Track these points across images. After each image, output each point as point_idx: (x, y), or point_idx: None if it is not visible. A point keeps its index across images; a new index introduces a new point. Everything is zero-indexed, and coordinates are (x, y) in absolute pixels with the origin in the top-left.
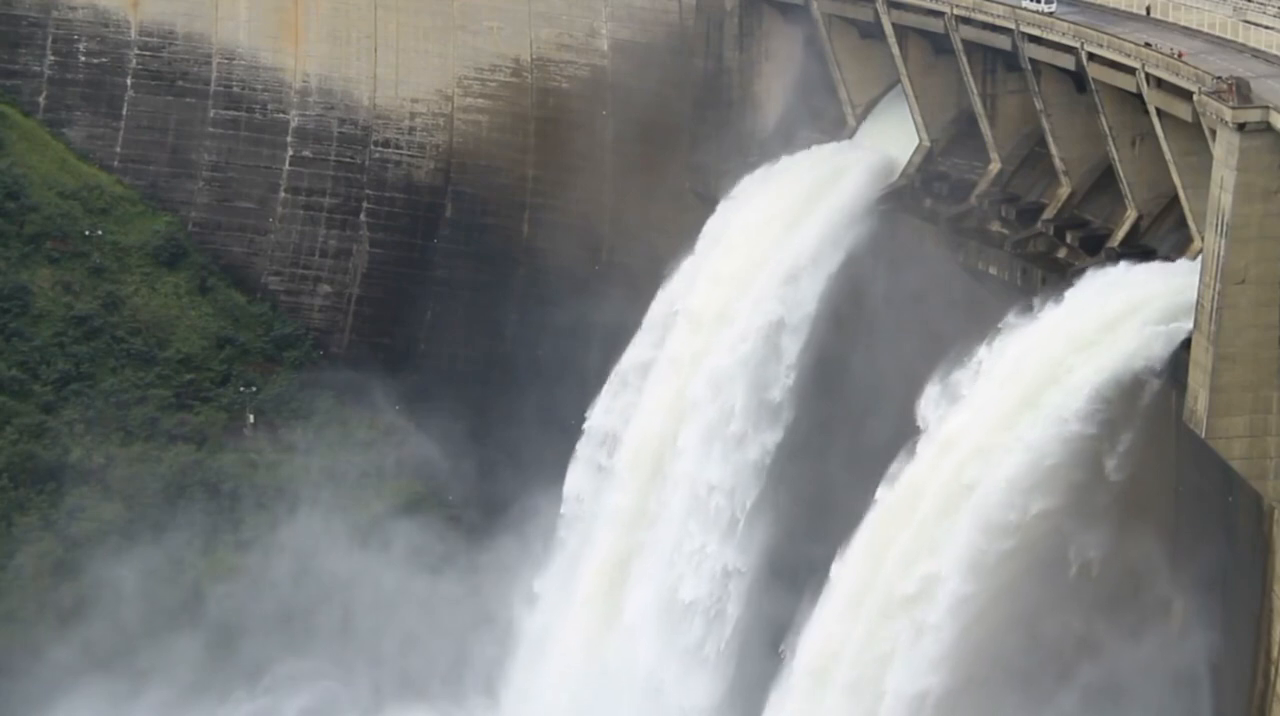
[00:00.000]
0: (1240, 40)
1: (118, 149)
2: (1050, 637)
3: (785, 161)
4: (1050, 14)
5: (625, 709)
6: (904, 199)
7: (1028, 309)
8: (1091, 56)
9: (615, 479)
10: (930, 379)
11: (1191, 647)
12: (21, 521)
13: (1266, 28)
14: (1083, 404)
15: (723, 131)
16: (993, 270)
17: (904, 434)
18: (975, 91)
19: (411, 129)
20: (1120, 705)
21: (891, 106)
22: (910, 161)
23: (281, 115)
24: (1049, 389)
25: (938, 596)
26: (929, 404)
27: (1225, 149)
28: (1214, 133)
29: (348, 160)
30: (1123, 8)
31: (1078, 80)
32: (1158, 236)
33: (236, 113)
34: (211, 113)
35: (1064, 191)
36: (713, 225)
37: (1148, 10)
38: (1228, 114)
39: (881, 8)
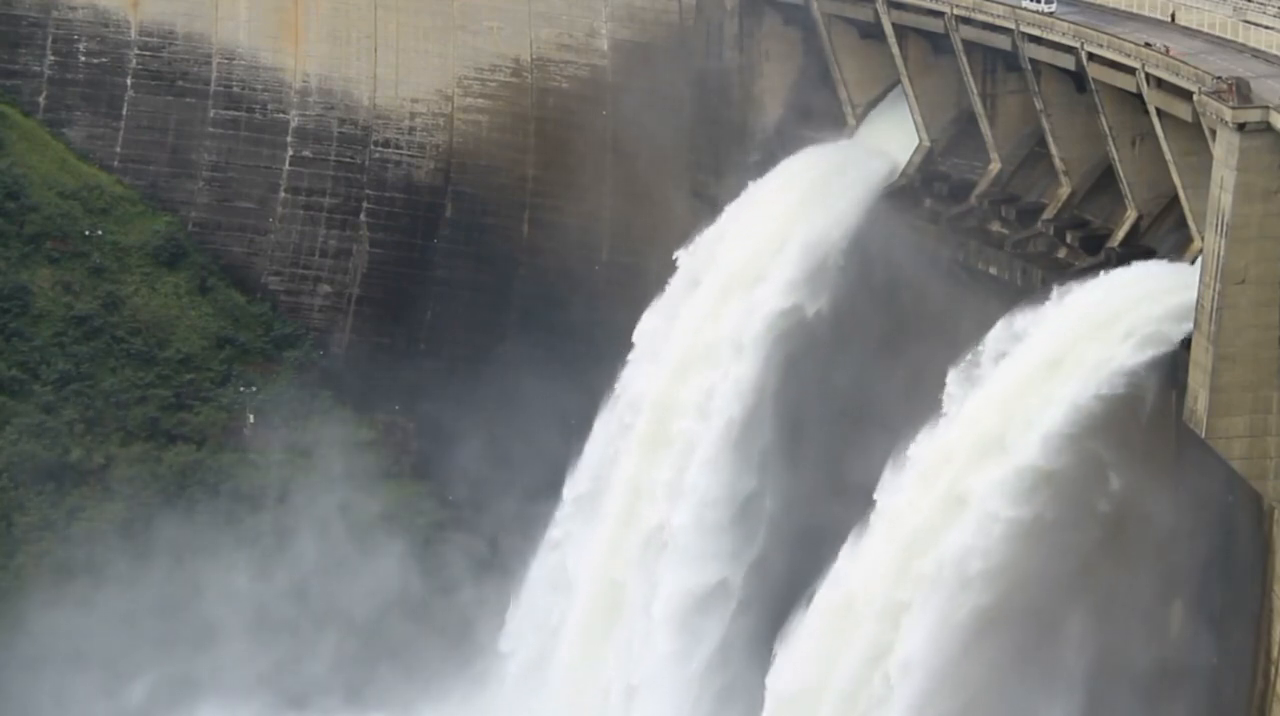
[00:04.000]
0: (1240, 40)
1: (118, 149)
2: (1054, 639)
3: (785, 162)
4: (1050, 14)
5: None
6: (904, 199)
7: (1025, 309)
8: (1091, 56)
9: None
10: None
11: (1191, 647)
12: (21, 521)
13: (1266, 28)
14: (1076, 410)
15: (723, 132)
16: (993, 270)
17: (904, 431)
18: (975, 91)
19: (411, 129)
20: (1118, 704)
21: (891, 106)
22: (910, 161)
23: (281, 115)
24: (1040, 395)
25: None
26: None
27: (1225, 149)
28: (1214, 133)
29: (348, 160)
30: (1142, 12)
31: (1078, 80)
32: (1158, 236)
33: (236, 113)
34: (211, 113)
35: (1064, 191)
36: (713, 225)
37: (1173, 17)
38: (1228, 114)
39: (881, 8)
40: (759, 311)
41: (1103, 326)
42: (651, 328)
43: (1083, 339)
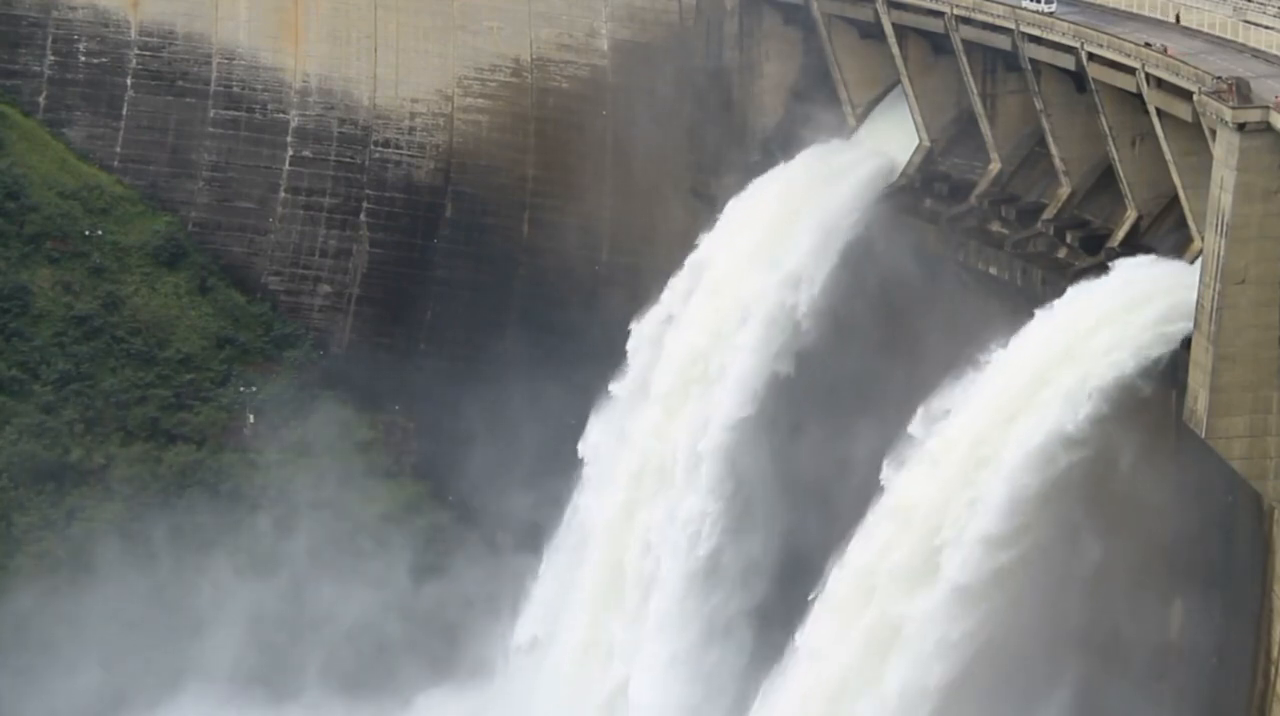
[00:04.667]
0: (1240, 40)
1: (118, 149)
2: (1052, 638)
3: (785, 162)
4: (1050, 14)
5: None
6: (904, 199)
7: (1029, 309)
8: (1091, 56)
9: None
10: (930, 383)
11: (1191, 647)
12: (21, 521)
13: (1266, 28)
14: (1081, 408)
15: (723, 132)
16: (993, 270)
17: (901, 433)
18: (975, 91)
19: (411, 129)
20: (1119, 702)
21: (891, 106)
22: (910, 161)
23: (281, 115)
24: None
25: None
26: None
27: (1225, 149)
28: (1214, 133)
29: (348, 160)
30: (1142, 11)
31: (1078, 80)
32: (1158, 236)
33: (236, 113)
34: (211, 113)
35: (1064, 191)
36: (713, 226)
37: (1177, 18)
38: (1228, 114)
39: (881, 8)
40: (718, 420)
41: (1029, 393)
42: (599, 440)
43: (1008, 416)
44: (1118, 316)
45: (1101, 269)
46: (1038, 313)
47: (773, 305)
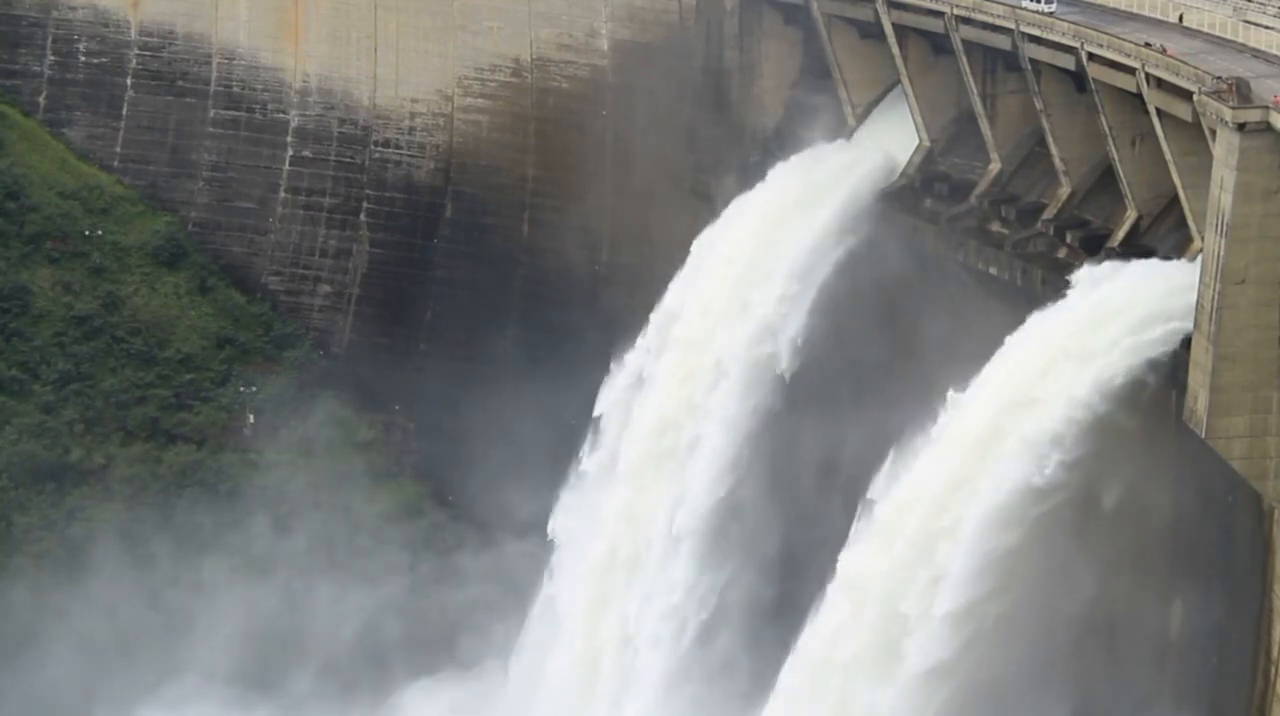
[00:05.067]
0: (1240, 40)
1: (118, 149)
2: (1048, 651)
3: (785, 162)
4: (1050, 14)
5: None
6: (904, 199)
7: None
8: (1091, 56)
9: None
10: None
11: (1191, 647)
12: (21, 521)
13: (1266, 28)
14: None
15: (723, 132)
16: (993, 270)
17: (899, 434)
18: (975, 91)
19: (411, 129)
20: (1119, 703)
21: (891, 106)
22: (910, 161)
23: (281, 115)
24: (1008, 441)
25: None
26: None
27: (1225, 149)
28: (1214, 133)
29: (348, 160)
30: (1142, 11)
31: (1078, 80)
32: (1158, 236)
33: (236, 113)
34: (211, 113)
35: (1064, 191)
36: (713, 227)
37: (1180, 18)
38: (1228, 114)
39: (881, 8)
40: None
41: (987, 447)
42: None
43: (968, 476)
44: (1078, 345)
45: (1063, 286)
46: (995, 354)
47: (748, 363)
